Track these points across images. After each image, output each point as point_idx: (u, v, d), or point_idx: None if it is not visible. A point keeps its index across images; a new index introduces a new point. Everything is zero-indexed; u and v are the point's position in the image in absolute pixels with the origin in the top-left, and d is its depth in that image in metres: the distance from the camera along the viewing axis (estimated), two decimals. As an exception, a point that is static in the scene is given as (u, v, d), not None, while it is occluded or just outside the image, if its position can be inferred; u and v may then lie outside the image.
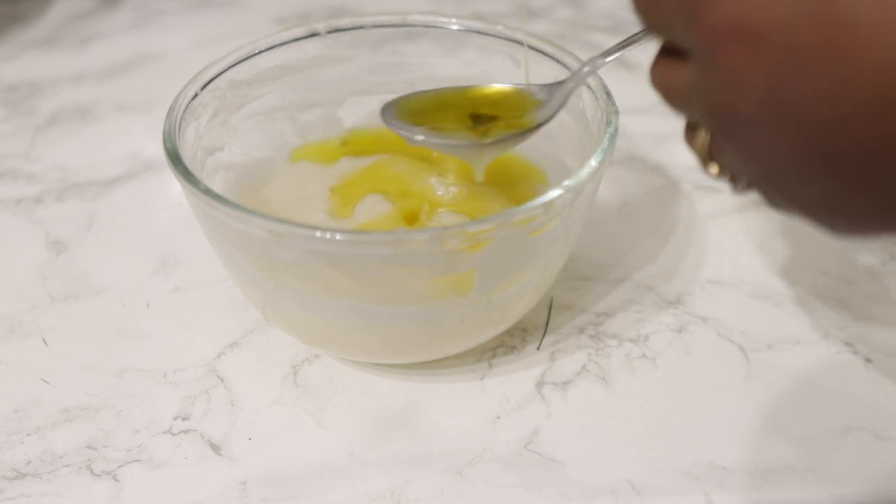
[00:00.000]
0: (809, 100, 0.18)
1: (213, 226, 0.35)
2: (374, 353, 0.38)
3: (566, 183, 0.33)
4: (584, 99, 0.39)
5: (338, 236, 0.31)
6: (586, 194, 0.35)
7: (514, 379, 0.39)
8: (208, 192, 0.33)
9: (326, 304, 0.35)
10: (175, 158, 0.35)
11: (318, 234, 0.31)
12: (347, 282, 0.33)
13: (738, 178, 0.24)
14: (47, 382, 0.40)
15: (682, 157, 0.53)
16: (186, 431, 0.37)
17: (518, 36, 0.42)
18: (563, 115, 0.42)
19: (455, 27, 0.44)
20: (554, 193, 0.33)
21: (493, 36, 0.43)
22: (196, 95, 0.39)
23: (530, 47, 0.42)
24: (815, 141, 0.19)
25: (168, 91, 0.39)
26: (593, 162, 0.34)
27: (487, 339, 0.39)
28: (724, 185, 0.51)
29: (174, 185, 0.36)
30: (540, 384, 0.39)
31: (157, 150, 0.53)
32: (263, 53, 0.42)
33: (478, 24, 0.43)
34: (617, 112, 0.37)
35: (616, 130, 0.36)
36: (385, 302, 0.34)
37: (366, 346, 0.37)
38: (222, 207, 0.32)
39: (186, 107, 0.38)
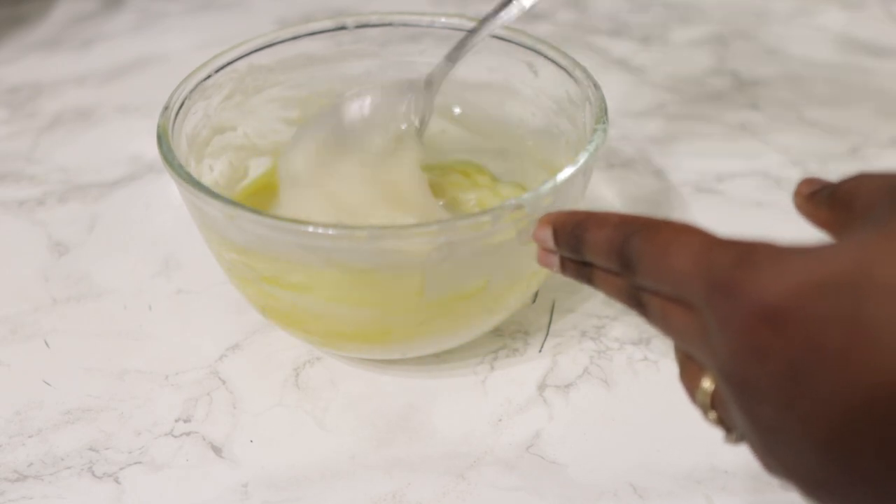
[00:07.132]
0: (823, 393, 0.19)
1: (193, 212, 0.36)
2: (362, 348, 0.39)
3: (525, 196, 0.32)
4: (579, 105, 0.39)
5: (287, 225, 0.32)
6: (553, 208, 0.33)
7: (515, 381, 0.39)
8: (182, 173, 0.35)
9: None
10: (165, 146, 0.37)
11: (269, 220, 0.32)
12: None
13: (735, 430, 0.25)
14: (49, 384, 0.40)
15: (683, 161, 0.53)
16: (188, 433, 0.37)
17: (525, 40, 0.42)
18: (558, 120, 0.42)
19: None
20: (508, 204, 0.32)
21: (505, 40, 0.43)
22: (199, 83, 0.40)
23: (538, 52, 0.42)
24: (821, 432, 0.20)
25: (170, 93, 0.39)
26: (560, 177, 0.33)
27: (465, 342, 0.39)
28: (723, 189, 0.51)
29: (176, 187, 0.36)
30: (542, 387, 0.39)
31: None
32: (275, 46, 0.44)
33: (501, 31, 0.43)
34: (605, 130, 0.36)
35: (596, 149, 0.35)
36: (351, 300, 0.34)
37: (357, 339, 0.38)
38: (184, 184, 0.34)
39: (181, 105, 0.39)
